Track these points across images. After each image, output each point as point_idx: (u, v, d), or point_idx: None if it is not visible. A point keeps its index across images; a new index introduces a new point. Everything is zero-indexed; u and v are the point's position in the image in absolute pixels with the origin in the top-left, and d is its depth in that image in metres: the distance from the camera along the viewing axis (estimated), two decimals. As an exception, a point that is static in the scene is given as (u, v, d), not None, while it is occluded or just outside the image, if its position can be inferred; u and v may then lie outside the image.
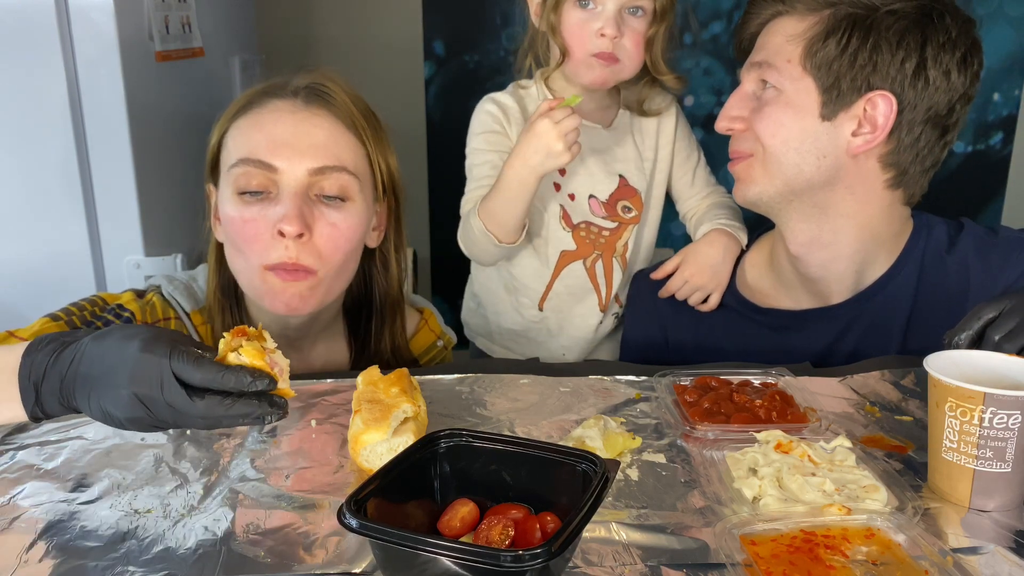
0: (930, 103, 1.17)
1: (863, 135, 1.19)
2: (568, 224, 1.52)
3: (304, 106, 1.15)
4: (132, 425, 0.81)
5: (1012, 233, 1.29)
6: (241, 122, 1.15)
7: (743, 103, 1.26)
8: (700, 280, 1.42)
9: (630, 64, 1.44)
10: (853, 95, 1.17)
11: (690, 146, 1.59)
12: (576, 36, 1.42)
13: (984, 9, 2.97)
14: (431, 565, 0.67)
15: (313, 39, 3.05)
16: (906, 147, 1.20)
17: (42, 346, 0.85)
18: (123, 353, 0.80)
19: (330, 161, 1.13)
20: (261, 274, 1.13)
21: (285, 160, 1.11)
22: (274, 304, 1.13)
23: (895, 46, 1.15)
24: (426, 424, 0.97)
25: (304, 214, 1.10)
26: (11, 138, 1.62)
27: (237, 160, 1.12)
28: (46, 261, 1.69)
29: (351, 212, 1.15)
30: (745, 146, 1.26)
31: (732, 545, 0.77)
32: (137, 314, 1.18)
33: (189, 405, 0.78)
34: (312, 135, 1.13)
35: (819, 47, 1.17)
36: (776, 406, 1.02)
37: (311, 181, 1.12)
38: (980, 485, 0.85)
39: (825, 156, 1.20)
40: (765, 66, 1.23)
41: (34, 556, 0.78)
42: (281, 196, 1.11)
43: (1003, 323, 0.94)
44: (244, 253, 1.13)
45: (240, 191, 1.12)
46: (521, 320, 1.60)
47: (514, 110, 1.51)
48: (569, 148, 1.31)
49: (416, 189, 3.12)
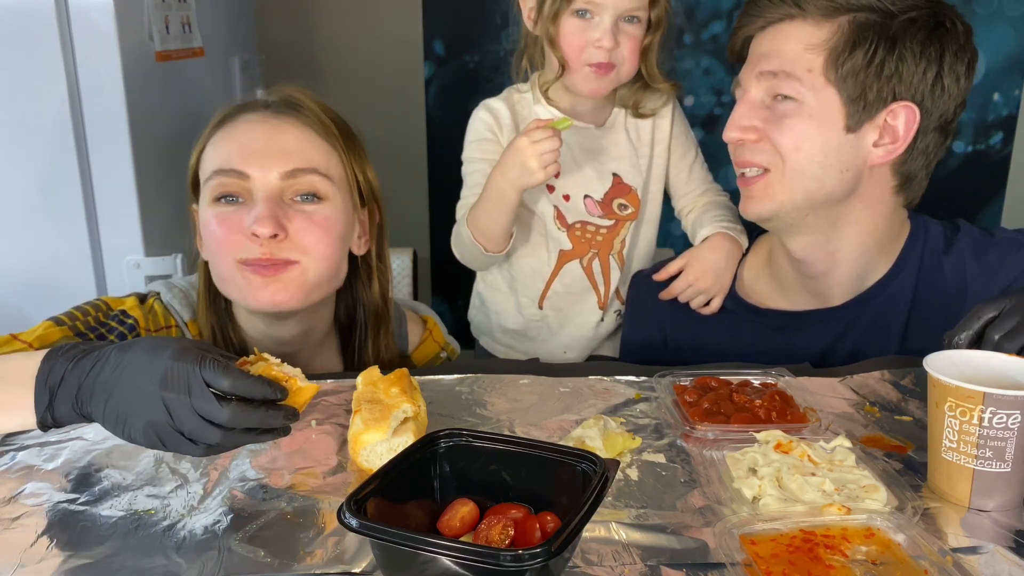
0: (943, 110, 1.18)
1: (884, 146, 1.18)
2: (563, 224, 1.52)
3: (274, 115, 1.17)
4: (147, 430, 0.83)
5: (1008, 233, 1.29)
6: (215, 138, 1.18)
7: (754, 112, 1.22)
8: (704, 284, 1.43)
9: (626, 69, 1.46)
10: (878, 106, 1.16)
11: (687, 142, 1.59)
12: (574, 46, 1.43)
13: (984, 9, 2.97)
14: (431, 565, 0.67)
15: (313, 39, 3.05)
16: (919, 154, 1.20)
17: (63, 352, 0.87)
18: (153, 361, 0.83)
19: (301, 164, 1.14)
20: (239, 270, 1.13)
21: (257, 167, 1.13)
22: (258, 299, 1.12)
23: (918, 56, 1.14)
24: (426, 424, 0.97)
25: (277, 215, 1.11)
26: (11, 139, 1.62)
27: (212, 172, 1.15)
28: (46, 261, 1.69)
29: (326, 207, 1.16)
30: (760, 158, 1.22)
31: (732, 545, 0.77)
32: (140, 320, 1.18)
33: (217, 410, 0.81)
34: (282, 141, 1.15)
35: (845, 57, 1.14)
36: (776, 406, 1.02)
37: (284, 185, 1.14)
38: (980, 485, 0.85)
39: (848, 169, 1.19)
40: (782, 75, 1.18)
41: (34, 556, 0.78)
42: (255, 201, 1.13)
43: (1003, 322, 0.94)
44: (220, 252, 1.14)
45: (216, 198, 1.14)
46: (522, 319, 1.61)
47: (506, 117, 1.53)
48: (544, 168, 1.33)
49: (416, 189, 3.12)
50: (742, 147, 1.24)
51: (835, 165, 1.18)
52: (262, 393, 0.83)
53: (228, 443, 0.84)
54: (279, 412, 0.85)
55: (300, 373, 0.89)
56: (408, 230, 3.11)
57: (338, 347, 1.32)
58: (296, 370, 0.89)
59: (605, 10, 1.40)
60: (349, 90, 2.92)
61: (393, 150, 3.03)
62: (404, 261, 2.27)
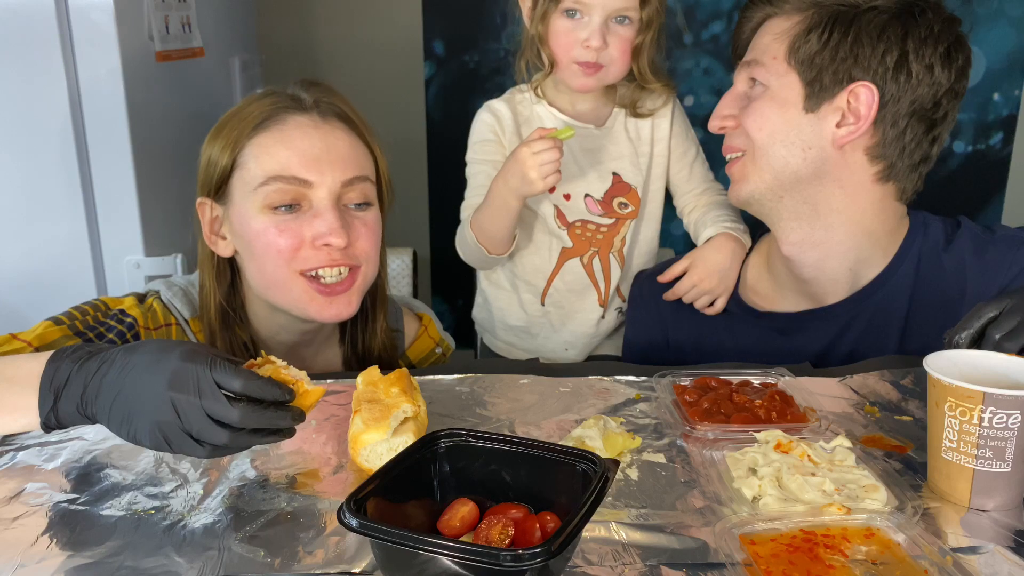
0: (914, 96, 1.19)
1: (847, 126, 1.20)
2: (563, 223, 1.53)
3: (323, 120, 1.18)
4: (153, 430, 0.82)
5: (1009, 231, 1.29)
6: (262, 139, 1.15)
7: (734, 102, 1.30)
8: (708, 285, 1.43)
9: (615, 69, 1.47)
10: (835, 87, 1.19)
11: (687, 140, 1.59)
12: (562, 45, 1.44)
13: (984, 9, 2.97)
14: (431, 565, 0.67)
15: (313, 39, 3.05)
16: (891, 140, 1.21)
17: (68, 353, 0.88)
18: (161, 361, 0.83)
19: (356, 172, 1.17)
20: (302, 283, 1.15)
21: (317, 174, 1.14)
22: (323, 315, 1.17)
23: (876, 39, 1.17)
24: (426, 424, 0.97)
25: (345, 225, 1.15)
26: (11, 138, 1.62)
27: (267, 178, 1.13)
28: (46, 261, 1.69)
29: (373, 211, 1.21)
30: (737, 142, 1.29)
31: (732, 545, 0.77)
32: (139, 320, 1.18)
33: (228, 410, 0.81)
34: (337, 148, 1.16)
35: (801, 42, 1.20)
36: (776, 406, 1.02)
37: (341, 192, 1.16)
38: (980, 485, 0.85)
39: (810, 147, 1.22)
40: (753, 64, 1.26)
41: (34, 556, 0.78)
42: (317, 209, 1.14)
43: (1004, 322, 0.94)
44: (277, 262, 1.14)
45: (273, 207, 1.14)
46: (525, 316, 1.62)
47: (508, 118, 1.54)
48: (543, 179, 1.34)
49: (416, 189, 3.12)
50: (726, 135, 1.31)
51: (796, 143, 1.22)
52: (273, 395, 0.83)
53: (235, 444, 0.84)
54: (287, 413, 0.85)
55: (306, 376, 0.89)
56: (408, 230, 3.11)
57: (338, 336, 1.34)
58: (302, 373, 0.89)
59: (594, 10, 1.40)
60: (349, 90, 2.91)
61: (393, 150, 3.03)
62: (404, 261, 2.27)
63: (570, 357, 1.64)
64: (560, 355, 1.63)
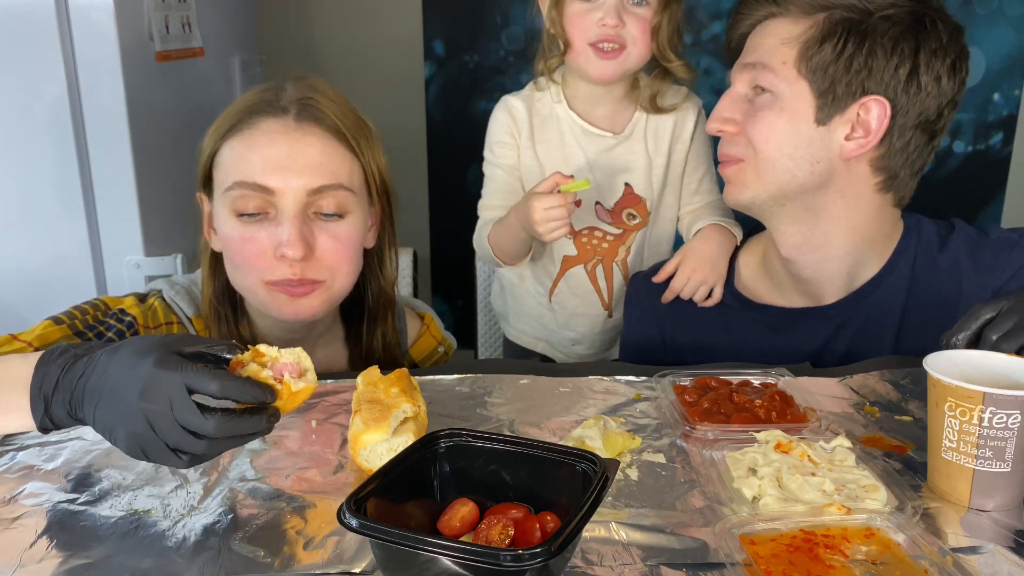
0: (921, 108, 1.18)
1: (856, 139, 1.18)
2: (570, 232, 1.53)
3: (296, 124, 1.13)
4: (130, 441, 0.80)
5: (1003, 233, 1.29)
6: (233, 141, 1.13)
7: (735, 105, 1.25)
8: (701, 275, 1.43)
9: (636, 51, 1.45)
10: (848, 99, 1.17)
11: (704, 155, 1.59)
12: (577, 26, 1.43)
13: (984, 9, 2.97)
14: (431, 565, 0.67)
15: (313, 39, 3.04)
16: (897, 151, 1.20)
17: (55, 357, 0.86)
18: (136, 368, 0.79)
19: (327, 180, 1.12)
20: (265, 289, 1.14)
21: (281, 182, 1.10)
22: (282, 314, 1.15)
23: (890, 51, 1.15)
24: (426, 424, 0.97)
25: (305, 235, 1.11)
26: (11, 138, 1.62)
27: (233, 183, 1.12)
28: (46, 261, 1.69)
29: (350, 223, 1.16)
30: (736, 151, 1.25)
31: (732, 545, 0.77)
32: (139, 318, 1.18)
33: (202, 422, 0.78)
34: (307, 154, 1.12)
35: (815, 51, 1.17)
36: (776, 406, 1.02)
37: (309, 201, 1.12)
38: (980, 485, 0.85)
39: (819, 161, 1.20)
40: (759, 67, 1.22)
41: (34, 556, 0.78)
42: (280, 217, 1.11)
43: (1001, 323, 0.94)
44: (244, 270, 1.14)
45: (238, 213, 1.12)
46: (536, 306, 1.66)
47: (523, 117, 1.54)
48: (550, 234, 1.37)
49: (416, 189, 3.12)
50: (725, 141, 1.28)
51: (805, 157, 1.20)
52: (252, 397, 0.80)
53: (212, 452, 0.82)
54: (263, 416, 0.82)
55: (305, 355, 0.86)
56: (408, 230, 3.10)
57: (343, 336, 1.32)
58: (298, 350, 0.86)
59: None
60: (349, 90, 2.92)
61: (393, 150, 3.02)
62: (404, 261, 2.26)
63: (579, 352, 1.65)
64: (569, 350, 1.66)
